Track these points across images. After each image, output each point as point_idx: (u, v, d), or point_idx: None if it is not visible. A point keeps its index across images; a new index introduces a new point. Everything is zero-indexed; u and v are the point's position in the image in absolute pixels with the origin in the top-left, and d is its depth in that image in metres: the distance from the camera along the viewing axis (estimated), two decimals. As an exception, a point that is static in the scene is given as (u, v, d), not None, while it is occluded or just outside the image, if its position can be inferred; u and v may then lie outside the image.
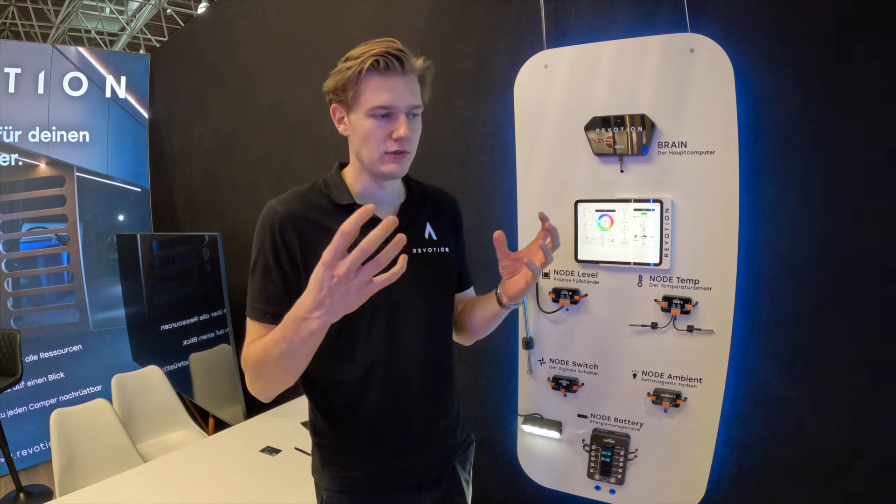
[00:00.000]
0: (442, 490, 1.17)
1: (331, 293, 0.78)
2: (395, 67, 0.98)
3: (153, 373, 2.79)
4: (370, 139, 1.02)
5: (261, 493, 1.68)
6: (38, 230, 3.57)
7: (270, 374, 0.95)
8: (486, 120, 1.96)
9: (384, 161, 1.02)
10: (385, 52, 0.97)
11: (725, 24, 1.46)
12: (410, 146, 1.04)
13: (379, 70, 0.98)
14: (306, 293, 0.82)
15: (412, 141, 1.04)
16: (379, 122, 1.00)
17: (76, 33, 9.84)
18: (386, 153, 1.02)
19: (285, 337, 0.87)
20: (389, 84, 0.98)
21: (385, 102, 0.98)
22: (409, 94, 1.01)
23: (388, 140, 1.01)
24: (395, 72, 0.98)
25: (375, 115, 1.00)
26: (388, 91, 0.98)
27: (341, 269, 0.76)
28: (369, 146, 1.02)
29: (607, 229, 1.63)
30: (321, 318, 0.81)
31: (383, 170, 1.03)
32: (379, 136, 1.01)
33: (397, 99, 0.99)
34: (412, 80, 1.02)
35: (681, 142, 1.51)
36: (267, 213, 1.05)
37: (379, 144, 1.01)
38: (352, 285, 0.77)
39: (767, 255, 1.48)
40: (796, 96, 1.41)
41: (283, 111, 2.89)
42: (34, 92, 3.46)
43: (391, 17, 2.25)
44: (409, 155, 1.05)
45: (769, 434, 1.53)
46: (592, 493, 1.75)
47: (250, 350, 0.98)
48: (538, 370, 1.83)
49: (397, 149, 1.01)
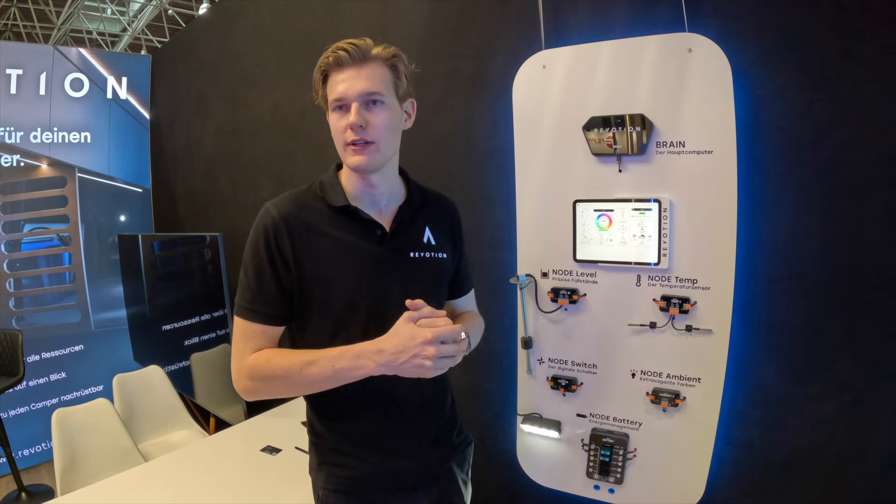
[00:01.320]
0: (439, 490, 1.18)
1: (411, 360, 0.92)
2: (346, 60, 1.00)
3: (154, 373, 2.79)
4: (335, 133, 1.05)
5: (261, 493, 1.68)
6: (40, 231, 3.59)
7: (287, 387, 1.01)
8: (484, 120, 1.96)
9: (347, 153, 1.03)
10: (335, 48, 1.01)
11: (723, 24, 1.46)
12: (369, 135, 1.01)
13: (334, 67, 1.02)
14: (387, 343, 0.94)
15: (370, 129, 1.01)
16: (339, 115, 1.03)
17: (78, 34, 9.86)
18: (346, 145, 1.02)
19: (334, 366, 0.97)
20: (344, 76, 1.01)
21: (337, 94, 1.01)
22: (361, 82, 1.00)
23: (347, 131, 1.01)
24: (348, 64, 1.01)
25: (335, 108, 1.03)
26: (341, 83, 1.01)
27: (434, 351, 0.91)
28: (336, 141, 1.05)
29: (606, 229, 1.63)
30: (383, 369, 0.95)
31: (349, 163, 1.04)
32: (339, 128, 1.03)
33: (348, 88, 1.00)
34: (371, 69, 1.01)
35: (679, 141, 1.51)
36: (262, 215, 1.06)
37: (339, 137, 1.03)
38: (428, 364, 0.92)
39: (766, 254, 1.48)
40: (794, 95, 1.41)
41: (283, 112, 2.89)
42: (36, 93, 3.47)
43: (390, 18, 2.25)
44: (374, 146, 1.02)
45: (768, 433, 1.53)
46: (591, 492, 1.76)
47: (263, 360, 1.01)
48: (537, 370, 1.83)
49: (353, 138, 1.01)
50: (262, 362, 1.01)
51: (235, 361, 1.04)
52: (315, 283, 1.03)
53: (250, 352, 1.03)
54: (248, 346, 1.03)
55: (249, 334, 1.04)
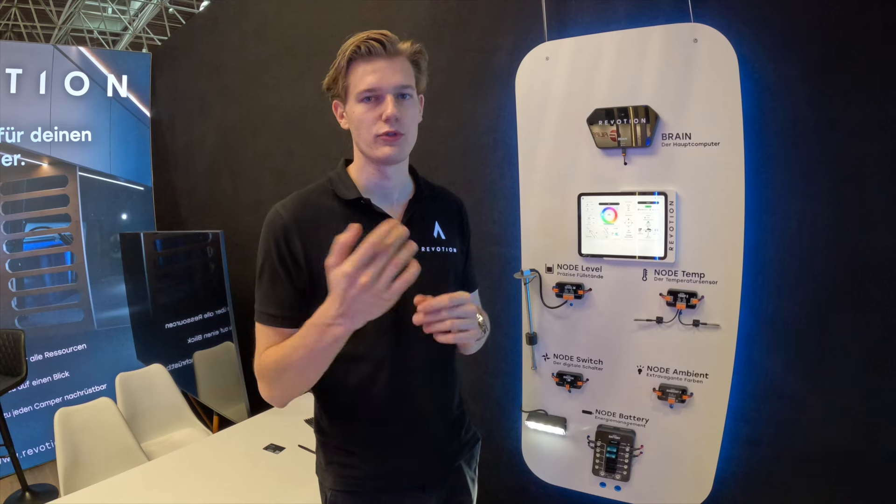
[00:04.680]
0: (447, 489, 1.16)
1: (354, 300, 0.81)
2: (378, 51, 0.99)
3: (157, 371, 2.79)
4: (362, 124, 1.02)
5: (264, 491, 1.68)
6: (42, 230, 3.58)
7: (289, 380, 0.97)
8: (487, 114, 1.94)
9: (377, 144, 1.02)
10: (367, 38, 0.99)
11: (729, 14, 1.44)
12: (402, 127, 1.01)
13: (363, 56, 1.00)
14: (329, 301, 0.85)
15: (403, 122, 1.02)
16: (368, 106, 1.01)
17: (78, 34, 9.84)
18: (377, 136, 1.01)
19: (306, 344, 0.90)
20: (374, 67, 1.00)
21: (371, 85, 0.99)
22: (396, 74, 1.00)
23: (378, 122, 1.00)
24: (379, 55, 1.00)
25: (364, 99, 1.01)
26: (372, 74, 0.99)
27: (364, 277, 0.79)
28: (362, 132, 1.03)
29: (611, 223, 1.61)
30: (345, 325, 0.85)
31: (378, 154, 1.03)
32: (369, 119, 1.01)
33: (382, 80, 0.99)
34: (400, 63, 1.01)
35: (685, 133, 1.49)
36: (271, 219, 1.05)
37: (370, 128, 1.02)
38: (374, 291, 0.80)
39: (773, 247, 1.46)
40: (802, 86, 1.39)
41: (284, 108, 2.88)
42: (36, 92, 3.46)
43: (392, 12, 2.23)
44: (404, 137, 1.02)
45: (776, 430, 1.51)
46: (598, 489, 1.74)
47: (265, 358, 0.99)
48: (542, 366, 1.81)
49: (388, 130, 1.00)
50: (264, 362, 1.01)
51: (256, 368, 1.03)
52: (326, 280, 1.02)
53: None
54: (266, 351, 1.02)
55: (267, 339, 1.03)
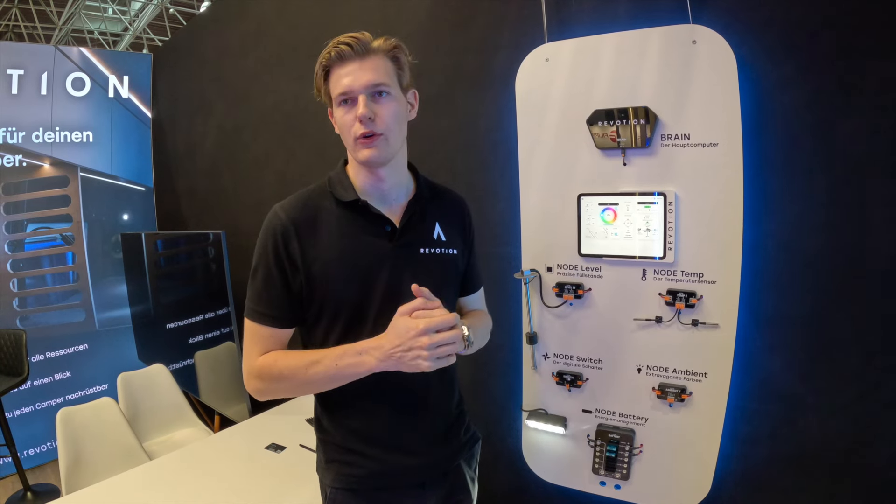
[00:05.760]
0: (447, 488, 1.17)
1: (408, 352, 0.92)
2: (349, 54, 1.00)
3: (159, 371, 2.80)
4: (343, 128, 1.04)
5: (266, 490, 1.68)
6: (43, 230, 3.59)
7: (294, 387, 1.02)
8: (487, 114, 1.95)
9: (357, 147, 1.02)
10: (337, 43, 1.00)
11: (728, 15, 1.45)
12: (378, 126, 1.00)
13: (336, 61, 1.01)
14: (385, 339, 0.94)
15: (380, 121, 1.01)
16: (346, 109, 1.02)
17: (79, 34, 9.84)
18: (356, 138, 1.02)
19: (337, 364, 0.97)
20: (347, 70, 1.00)
21: (344, 88, 1.00)
22: (366, 74, 1.00)
23: (355, 124, 1.01)
24: (351, 58, 1.00)
25: (341, 102, 1.02)
26: (346, 76, 1.00)
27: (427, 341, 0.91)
28: (345, 135, 1.05)
29: (611, 223, 1.62)
30: (383, 364, 0.95)
31: (360, 157, 1.03)
32: (348, 122, 1.02)
33: (354, 81, 1.00)
34: (372, 62, 1.01)
35: (684, 134, 1.49)
36: (270, 219, 1.06)
37: (348, 131, 1.02)
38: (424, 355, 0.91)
39: (772, 247, 1.47)
40: (800, 87, 1.39)
41: (285, 109, 2.88)
42: (37, 93, 3.47)
43: (392, 13, 2.24)
44: (383, 137, 1.01)
45: (775, 429, 1.52)
46: (597, 488, 1.75)
47: (271, 360, 1.03)
48: (542, 365, 1.82)
49: (364, 131, 1.00)
50: (269, 363, 1.03)
51: (245, 363, 1.06)
52: (324, 282, 1.03)
53: (259, 354, 1.05)
54: (257, 349, 1.05)
55: (258, 337, 1.05)
